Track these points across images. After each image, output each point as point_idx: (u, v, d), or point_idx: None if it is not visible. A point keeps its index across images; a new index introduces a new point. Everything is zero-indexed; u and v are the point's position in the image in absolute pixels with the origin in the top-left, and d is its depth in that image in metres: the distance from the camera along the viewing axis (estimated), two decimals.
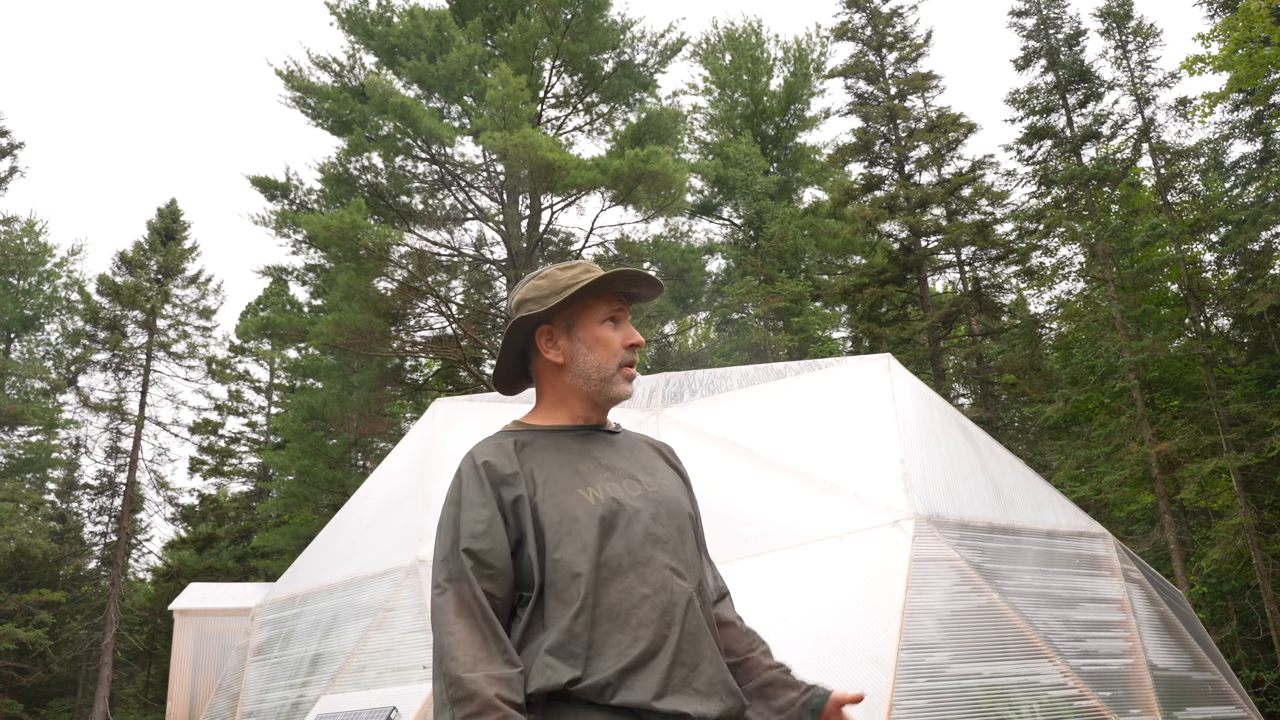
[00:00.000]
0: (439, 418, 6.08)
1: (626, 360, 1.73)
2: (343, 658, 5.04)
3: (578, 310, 1.73)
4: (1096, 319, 15.93)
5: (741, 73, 26.80)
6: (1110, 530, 5.86)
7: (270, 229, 19.14)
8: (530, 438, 1.68)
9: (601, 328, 1.73)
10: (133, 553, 27.36)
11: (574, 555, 1.53)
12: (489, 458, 1.62)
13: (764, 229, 22.23)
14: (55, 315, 28.13)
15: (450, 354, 18.73)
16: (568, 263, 1.79)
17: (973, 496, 5.08)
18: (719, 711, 1.52)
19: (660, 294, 1.80)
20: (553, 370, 1.75)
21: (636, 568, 1.54)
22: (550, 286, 1.73)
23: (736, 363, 18.03)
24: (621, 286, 1.75)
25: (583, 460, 1.66)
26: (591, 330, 1.73)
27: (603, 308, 1.74)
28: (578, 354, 1.72)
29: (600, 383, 1.71)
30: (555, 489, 1.59)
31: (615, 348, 1.73)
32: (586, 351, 1.72)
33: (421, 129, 17.45)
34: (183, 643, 9.87)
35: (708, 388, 5.86)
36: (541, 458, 1.64)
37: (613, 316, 1.74)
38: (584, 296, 1.72)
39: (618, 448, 1.74)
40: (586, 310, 1.73)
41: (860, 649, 4.23)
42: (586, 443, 1.71)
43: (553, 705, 1.47)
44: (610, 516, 1.57)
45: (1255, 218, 14.31)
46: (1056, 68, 17.84)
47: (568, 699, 1.47)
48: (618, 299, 1.76)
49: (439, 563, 1.57)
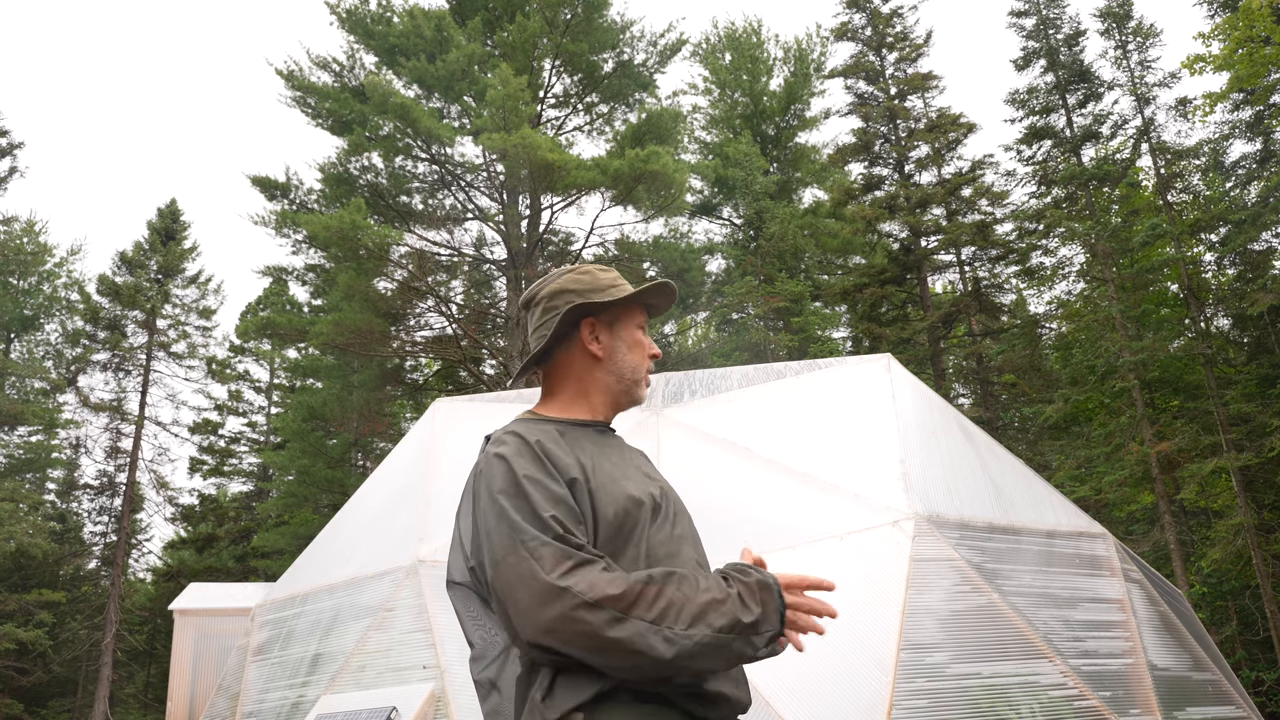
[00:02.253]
0: (439, 418, 6.08)
1: (650, 368, 1.83)
2: (343, 658, 5.03)
3: (621, 312, 1.80)
4: (1096, 319, 15.92)
5: (741, 73, 26.80)
6: (1110, 530, 5.86)
7: (270, 229, 19.13)
8: (563, 428, 1.67)
9: (638, 332, 1.82)
10: (133, 553, 27.36)
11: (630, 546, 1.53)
12: (540, 438, 1.58)
13: (764, 229, 22.22)
14: (55, 315, 28.13)
15: (450, 354, 18.73)
16: (600, 265, 1.87)
17: (973, 496, 5.08)
18: (748, 699, 1.57)
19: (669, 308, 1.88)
20: (586, 363, 1.75)
21: (672, 559, 1.57)
22: (592, 283, 1.77)
23: (736, 363, 18.03)
24: (663, 298, 1.83)
25: (611, 454, 1.68)
26: (632, 332, 1.80)
27: (640, 315, 1.83)
28: (617, 352, 1.77)
29: (631, 383, 1.78)
30: (603, 478, 1.59)
31: (643, 354, 1.81)
32: (626, 352, 1.78)
33: (421, 129, 17.45)
34: (183, 643, 9.87)
35: (708, 388, 5.86)
36: (583, 447, 1.63)
37: (643, 325, 1.83)
38: (635, 301, 1.79)
39: (622, 449, 1.76)
40: (629, 313, 1.81)
41: (860, 649, 4.23)
42: (604, 440, 1.72)
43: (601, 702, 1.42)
44: (654, 509, 1.61)
45: (1255, 218, 14.31)
46: (1056, 68, 17.84)
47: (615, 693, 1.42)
48: (642, 311, 1.84)
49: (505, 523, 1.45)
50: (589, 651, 1.37)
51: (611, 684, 1.41)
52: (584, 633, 1.36)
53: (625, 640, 1.35)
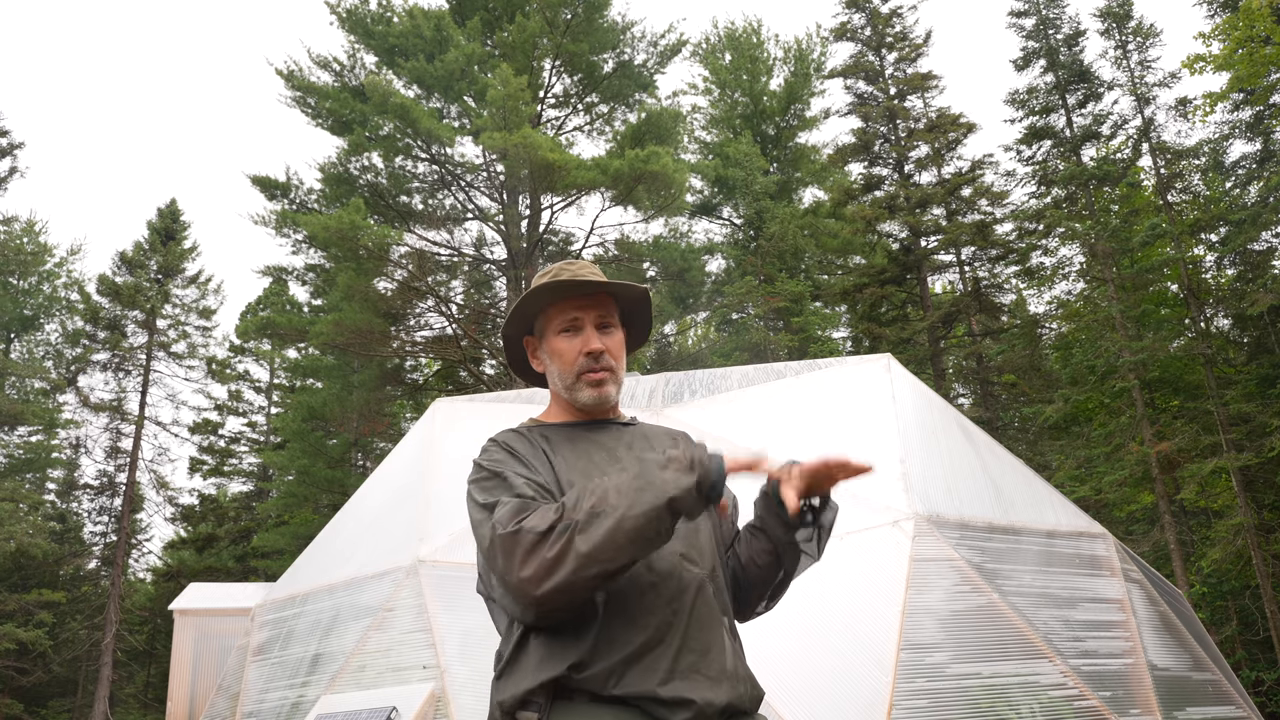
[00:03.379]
0: (439, 418, 6.08)
1: (584, 367, 1.70)
2: (343, 658, 5.03)
3: (543, 321, 1.76)
4: (1096, 319, 15.92)
5: (741, 73, 26.80)
6: (1110, 530, 5.86)
7: (270, 229, 19.14)
8: (547, 431, 1.72)
9: (559, 338, 1.73)
10: (133, 553, 27.35)
11: None
12: (512, 441, 1.66)
13: (764, 229, 22.22)
14: (55, 315, 28.13)
15: (450, 354, 18.73)
16: (551, 268, 1.79)
17: (973, 496, 5.08)
18: (728, 698, 1.49)
19: (635, 291, 1.77)
20: (547, 374, 1.80)
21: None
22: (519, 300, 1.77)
23: (736, 363, 18.03)
24: (551, 298, 1.73)
25: (597, 452, 1.68)
26: (550, 341, 1.74)
27: (557, 317, 1.73)
28: (550, 364, 1.76)
29: (568, 391, 1.73)
30: (573, 477, 1.61)
31: (570, 357, 1.71)
32: (550, 362, 1.76)
33: (421, 129, 17.45)
34: (183, 643, 9.87)
35: (708, 388, 5.85)
36: (558, 448, 1.67)
37: (567, 326, 1.72)
38: (528, 310, 1.76)
39: (634, 438, 1.75)
40: (547, 321, 1.75)
41: (860, 649, 4.23)
42: (598, 434, 1.73)
43: (557, 704, 1.45)
44: None
45: (1255, 218, 14.30)
46: (1056, 68, 17.83)
47: (571, 696, 1.46)
48: (573, 305, 1.72)
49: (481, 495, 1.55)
50: (570, 572, 1.38)
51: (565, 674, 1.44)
52: (554, 558, 1.38)
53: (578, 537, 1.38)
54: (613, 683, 1.44)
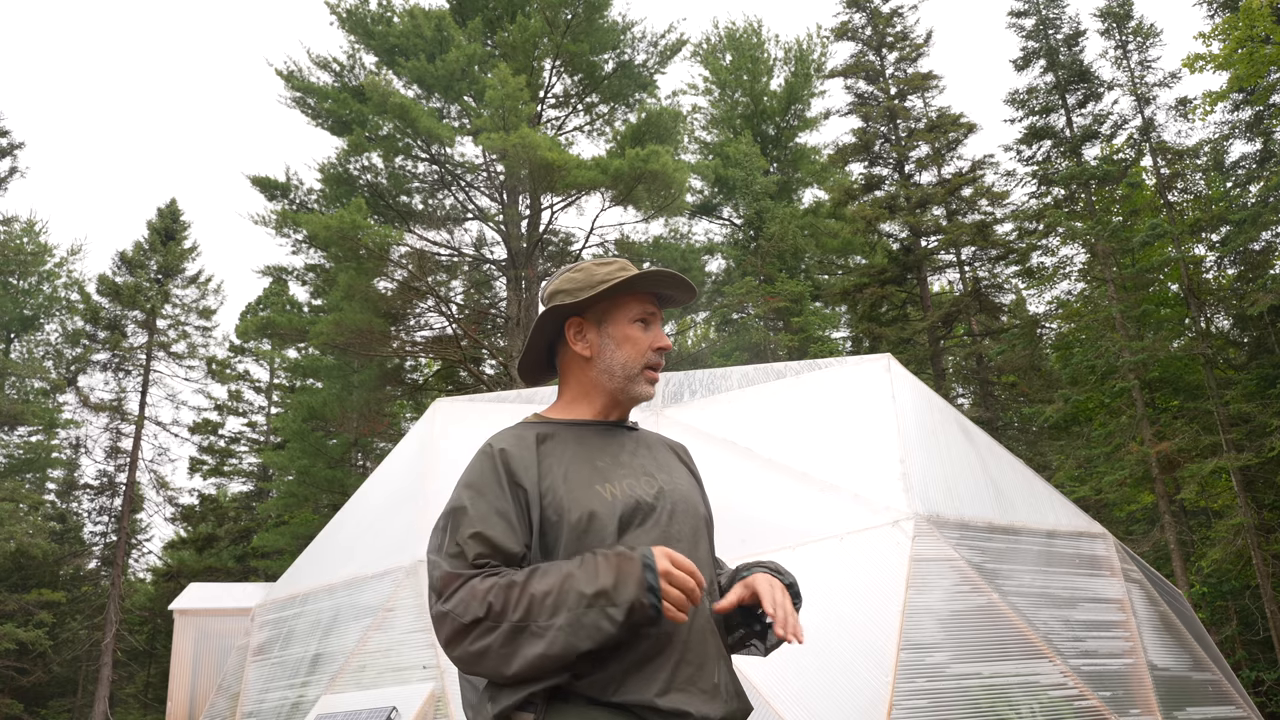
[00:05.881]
0: (439, 418, 6.08)
1: (651, 362, 1.74)
2: (343, 658, 5.03)
3: (610, 306, 1.74)
4: (1096, 319, 15.92)
5: (741, 73, 26.79)
6: (1110, 530, 5.86)
7: (270, 229, 19.13)
8: (551, 430, 1.69)
9: (631, 326, 1.74)
10: (133, 553, 27.37)
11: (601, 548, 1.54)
12: (506, 446, 1.62)
13: (764, 229, 22.22)
14: (55, 315, 28.12)
15: (450, 354, 18.73)
16: (605, 258, 1.80)
17: (973, 496, 5.08)
18: (722, 713, 1.51)
19: (693, 299, 1.80)
20: (579, 364, 1.76)
21: None
22: (585, 280, 1.74)
23: (736, 363, 18.03)
24: (654, 286, 1.76)
25: (601, 456, 1.66)
26: (621, 328, 1.74)
27: (635, 307, 1.75)
28: (605, 349, 1.73)
29: (624, 380, 1.72)
30: (575, 484, 1.58)
31: (642, 347, 1.73)
32: (614, 348, 1.73)
33: (421, 129, 17.45)
34: (183, 643, 9.87)
35: (708, 388, 5.85)
36: (561, 451, 1.64)
37: (643, 317, 1.75)
38: (617, 293, 1.73)
39: (637, 445, 1.75)
40: (619, 308, 1.74)
41: (860, 649, 4.23)
42: (607, 438, 1.71)
43: (554, 704, 1.46)
44: (629, 514, 1.57)
45: (1255, 218, 14.29)
46: (1056, 68, 17.83)
47: (569, 697, 1.46)
48: (651, 300, 1.76)
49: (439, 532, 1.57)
50: (483, 670, 1.45)
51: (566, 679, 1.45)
52: (472, 654, 1.44)
53: (503, 648, 1.42)
54: (612, 690, 1.45)
